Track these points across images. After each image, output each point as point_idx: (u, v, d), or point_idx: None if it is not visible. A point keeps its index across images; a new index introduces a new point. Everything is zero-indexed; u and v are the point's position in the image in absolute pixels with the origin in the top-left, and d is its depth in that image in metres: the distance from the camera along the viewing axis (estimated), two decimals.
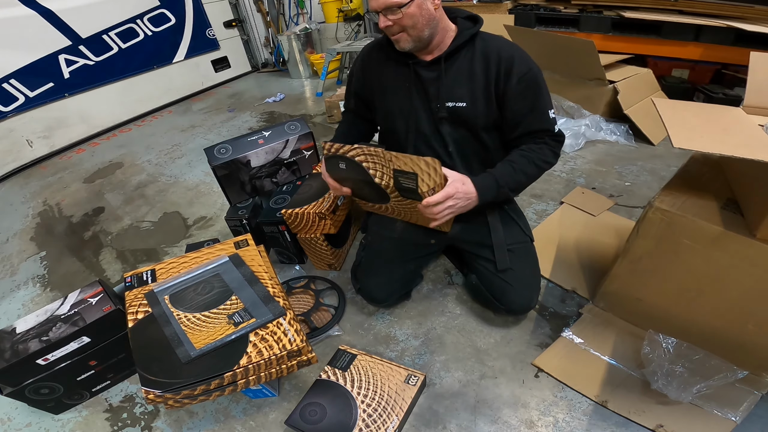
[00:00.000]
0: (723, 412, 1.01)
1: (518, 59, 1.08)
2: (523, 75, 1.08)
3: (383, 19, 1.03)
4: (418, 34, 1.06)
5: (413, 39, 1.06)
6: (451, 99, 1.14)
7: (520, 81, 1.08)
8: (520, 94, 1.09)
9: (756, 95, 1.06)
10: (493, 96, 1.12)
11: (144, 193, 2.58)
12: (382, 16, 1.03)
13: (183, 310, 1.13)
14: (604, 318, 1.27)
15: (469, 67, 1.12)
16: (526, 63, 1.09)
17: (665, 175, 1.94)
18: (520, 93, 1.09)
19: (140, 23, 3.79)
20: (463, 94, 1.13)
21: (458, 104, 1.14)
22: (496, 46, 1.10)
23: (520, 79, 1.08)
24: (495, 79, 1.10)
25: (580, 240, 1.62)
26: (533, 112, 1.11)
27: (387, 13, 1.02)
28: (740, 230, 0.91)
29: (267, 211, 1.64)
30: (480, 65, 1.11)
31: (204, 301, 1.15)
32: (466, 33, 1.10)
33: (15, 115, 3.16)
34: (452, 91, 1.13)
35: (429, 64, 1.14)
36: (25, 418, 1.30)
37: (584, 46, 2.24)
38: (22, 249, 2.20)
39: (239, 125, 3.42)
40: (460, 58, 1.12)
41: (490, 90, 1.11)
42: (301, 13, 4.74)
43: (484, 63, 1.10)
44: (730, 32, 2.29)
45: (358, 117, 1.42)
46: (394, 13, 1.01)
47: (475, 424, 1.08)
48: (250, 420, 1.18)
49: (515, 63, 1.08)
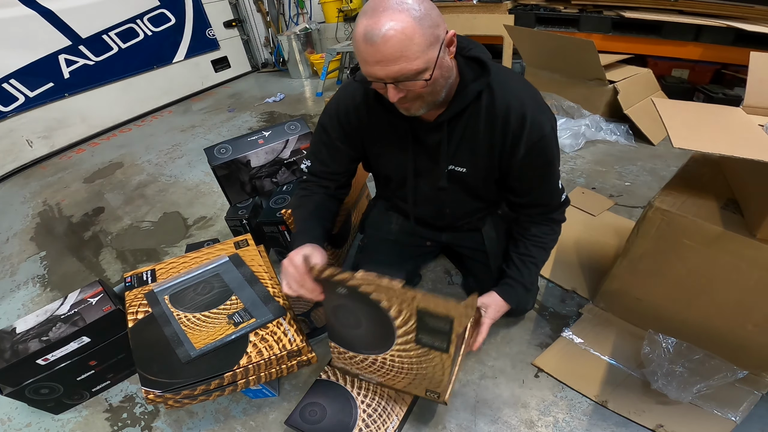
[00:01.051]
0: (723, 412, 1.01)
1: (530, 123, 0.88)
2: (533, 144, 0.90)
3: (393, 92, 0.77)
4: (435, 99, 0.83)
5: (427, 105, 0.83)
6: (452, 162, 1.00)
7: (529, 152, 0.91)
8: (527, 166, 0.94)
9: (756, 95, 1.06)
10: (496, 163, 0.97)
11: (144, 193, 2.58)
12: (390, 88, 0.76)
13: (183, 310, 1.13)
14: (604, 318, 1.27)
15: (473, 128, 0.93)
16: (539, 127, 0.88)
17: (665, 175, 1.94)
18: (528, 165, 0.93)
19: (140, 23, 3.78)
20: (464, 159, 0.98)
21: (458, 168, 1.00)
22: (504, 103, 0.89)
23: (529, 150, 0.91)
24: (500, 148, 0.93)
25: (580, 240, 1.62)
26: (541, 186, 0.99)
27: (401, 84, 0.75)
28: (740, 230, 0.91)
29: (267, 211, 1.64)
30: (484, 128, 0.92)
31: (204, 301, 1.15)
32: (471, 89, 0.87)
33: (15, 115, 3.16)
34: (453, 155, 0.98)
35: (429, 128, 0.94)
36: (25, 418, 1.30)
37: (584, 46, 2.24)
38: (22, 249, 2.20)
39: (239, 125, 3.42)
40: (463, 118, 0.93)
41: (492, 155, 0.96)
42: (301, 13, 4.74)
43: (489, 126, 0.92)
44: (730, 32, 2.29)
45: (327, 184, 1.11)
46: (411, 83, 0.75)
47: (475, 424, 1.08)
48: (250, 420, 1.18)
49: (525, 129, 0.88)
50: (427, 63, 0.73)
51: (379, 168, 1.13)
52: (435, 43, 0.73)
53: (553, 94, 2.55)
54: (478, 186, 1.05)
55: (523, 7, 3.09)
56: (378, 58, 0.72)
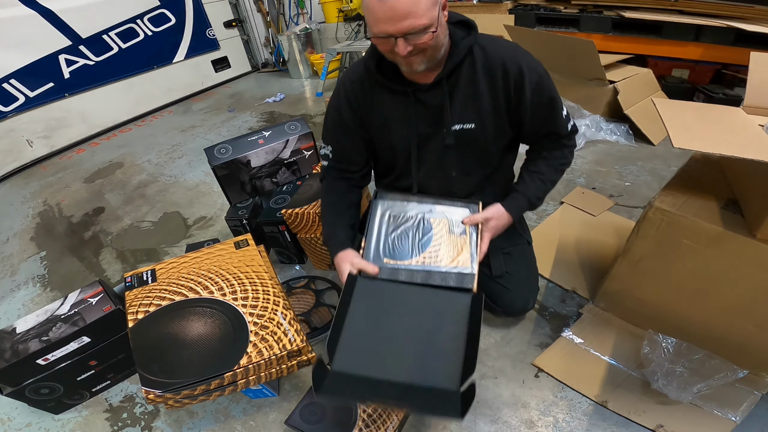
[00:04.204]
0: (723, 412, 1.01)
1: (526, 67, 0.97)
2: (536, 85, 0.98)
3: (403, 46, 0.85)
4: (436, 55, 0.92)
5: (428, 59, 0.91)
6: (458, 121, 1.03)
7: (534, 92, 0.99)
8: (536, 105, 1.01)
9: (756, 95, 1.06)
10: (505, 114, 1.03)
11: (144, 193, 2.58)
12: (400, 42, 0.84)
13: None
14: (604, 318, 1.27)
15: (473, 84, 1.00)
16: (535, 69, 0.99)
17: (665, 175, 1.94)
18: (537, 103, 1.01)
19: (140, 23, 3.79)
20: (471, 116, 1.03)
21: (466, 126, 1.03)
22: (498, 56, 0.98)
23: (533, 90, 0.99)
24: (505, 97, 1.00)
25: (580, 240, 1.62)
26: (549, 118, 1.05)
27: (410, 37, 0.84)
28: (740, 230, 0.91)
29: (267, 211, 1.64)
30: (485, 82, 0.99)
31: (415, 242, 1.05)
32: (462, 45, 0.96)
33: (15, 115, 3.16)
34: (459, 114, 1.03)
35: (430, 88, 1.00)
36: (25, 418, 1.30)
37: (584, 46, 2.24)
38: (22, 249, 2.20)
39: (239, 125, 3.42)
40: (462, 74, 0.99)
41: (499, 109, 1.02)
42: (301, 13, 4.75)
43: (489, 78, 0.99)
44: (730, 32, 2.29)
45: (347, 175, 1.20)
46: (418, 37, 0.84)
47: (475, 424, 1.08)
48: (250, 420, 1.18)
49: (525, 73, 0.97)
50: (431, 20, 0.83)
51: (383, 143, 1.14)
52: (436, 4, 0.84)
53: None
54: (489, 143, 1.08)
55: (523, 7, 3.09)
56: (390, 15, 0.81)
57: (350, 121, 1.11)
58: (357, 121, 1.11)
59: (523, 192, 1.12)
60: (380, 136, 1.12)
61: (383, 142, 1.13)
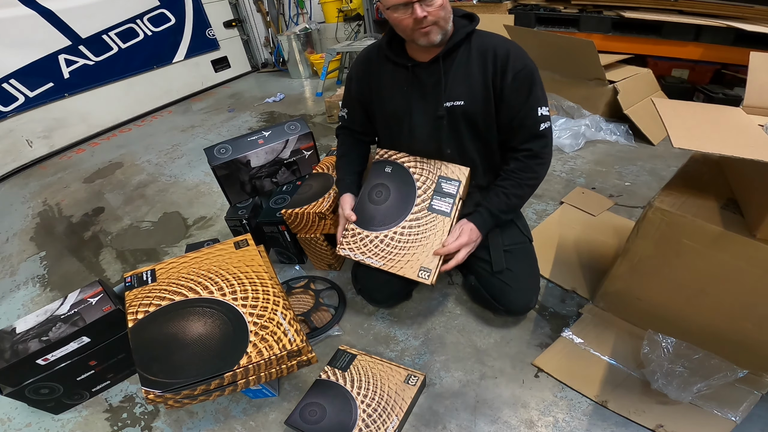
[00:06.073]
0: (723, 412, 1.01)
1: (513, 55, 1.09)
2: (518, 72, 1.09)
3: (420, 10, 0.98)
4: (445, 26, 1.05)
5: (441, 31, 1.05)
6: (449, 98, 1.14)
7: (515, 78, 1.09)
8: (515, 91, 1.11)
9: (756, 95, 1.06)
10: (491, 94, 1.13)
11: (144, 193, 2.58)
12: (417, 7, 0.98)
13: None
14: (604, 318, 1.27)
15: (466, 65, 1.12)
16: (522, 59, 1.10)
17: (665, 175, 1.94)
18: (516, 89, 1.10)
19: (140, 23, 3.79)
20: (461, 93, 1.14)
21: (456, 103, 1.14)
22: (492, 43, 1.11)
23: (515, 75, 1.09)
24: (492, 77, 1.11)
25: (580, 240, 1.62)
26: (524, 109, 1.12)
27: (424, 3, 0.99)
28: (740, 230, 0.91)
29: (267, 211, 1.64)
30: (477, 63, 1.11)
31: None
32: (462, 31, 1.10)
33: (15, 115, 3.16)
34: (450, 91, 1.14)
35: (428, 65, 1.14)
36: (25, 418, 1.30)
37: (584, 46, 2.24)
38: (22, 249, 2.20)
39: (239, 125, 3.42)
40: (457, 56, 1.13)
41: (488, 87, 1.12)
42: (301, 13, 4.74)
43: (481, 60, 1.11)
44: (730, 32, 2.29)
45: (356, 135, 1.42)
46: (430, 4, 0.99)
47: (474, 424, 1.09)
48: (250, 420, 1.18)
49: (510, 59, 1.09)
50: None
51: (381, 111, 1.28)
52: None
53: (553, 94, 2.55)
54: (477, 116, 1.16)
55: (523, 7, 3.09)
56: None
57: (356, 92, 1.32)
58: (361, 92, 1.30)
59: (486, 206, 1.20)
60: (379, 104, 1.27)
61: (381, 111, 1.27)
